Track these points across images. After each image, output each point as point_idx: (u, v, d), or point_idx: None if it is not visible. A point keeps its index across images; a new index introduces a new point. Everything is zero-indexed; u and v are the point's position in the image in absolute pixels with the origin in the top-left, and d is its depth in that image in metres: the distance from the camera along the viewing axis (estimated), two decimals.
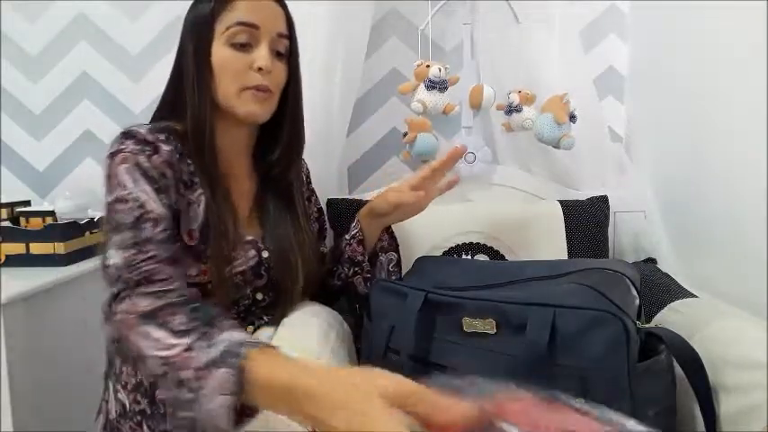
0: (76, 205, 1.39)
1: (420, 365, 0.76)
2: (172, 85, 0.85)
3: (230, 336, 0.57)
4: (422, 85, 1.19)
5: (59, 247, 1.26)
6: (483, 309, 0.72)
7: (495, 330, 0.71)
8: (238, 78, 0.80)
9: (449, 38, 1.44)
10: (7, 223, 1.34)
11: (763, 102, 0.83)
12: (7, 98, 1.56)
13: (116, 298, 0.66)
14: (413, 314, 0.76)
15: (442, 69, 1.18)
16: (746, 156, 0.89)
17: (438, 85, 1.18)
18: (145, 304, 0.63)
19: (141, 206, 0.70)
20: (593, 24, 1.44)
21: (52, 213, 1.35)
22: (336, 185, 1.38)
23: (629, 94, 1.44)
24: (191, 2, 0.84)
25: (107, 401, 0.82)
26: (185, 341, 0.57)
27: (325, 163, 1.28)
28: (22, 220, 1.35)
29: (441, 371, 0.74)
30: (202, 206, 0.78)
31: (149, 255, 0.67)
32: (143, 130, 0.76)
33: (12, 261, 1.27)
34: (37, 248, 1.26)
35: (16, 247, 1.26)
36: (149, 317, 0.61)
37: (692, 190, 1.09)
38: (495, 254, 1.19)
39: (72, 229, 1.30)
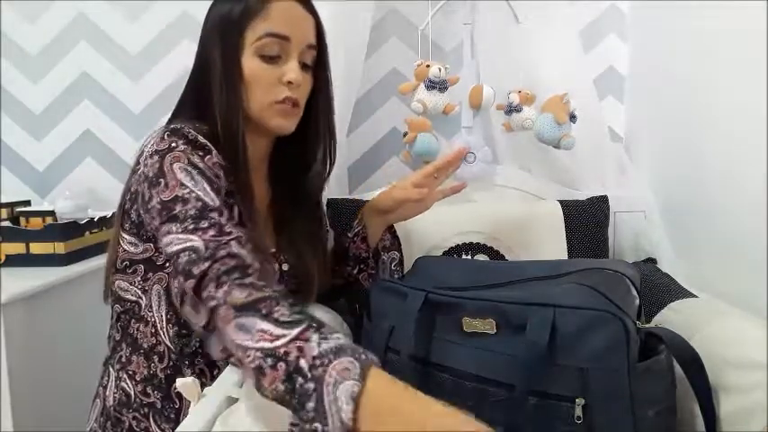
0: (76, 205, 1.39)
1: (420, 365, 0.76)
2: (194, 87, 0.83)
3: (342, 336, 0.55)
4: (422, 85, 1.19)
5: (59, 247, 1.26)
6: (483, 309, 0.72)
7: (494, 330, 0.71)
8: (269, 92, 0.78)
9: (449, 38, 1.44)
10: (7, 223, 1.34)
11: (763, 102, 0.83)
12: (7, 98, 1.56)
13: (202, 280, 0.61)
14: (413, 314, 0.76)
15: (442, 69, 1.18)
16: (746, 156, 0.89)
17: (438, 85, 1.18)
18: (242, 295, 0.58)
19: (203, 203, 0.67)
20: (593, 24, 1.44)
21: (52, 213, 1.35)
22: (336, 185, 1.38)
23: (629, 94, 1.44)
24: (190, 2, 0.83)
25: (105, 387, 0.81)
26: (295, 331, 0.54)
27: None
28: (22, 220, 1.35)
29: (441, 371, 0.74)
30: (235, 212, 0.74)
31: (232, 236, 0.64)
32: (191, 130, 0.73)
33: (12, 261, 1.27)
34: (37, 248, 1.26)
35: (16, 247, 1.27)
36: (249, 308, 0.57)
37: (692, 190, 1.09)
38: (495, 254, 1.19)
39: (72, 229, 1.30)
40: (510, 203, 1.31)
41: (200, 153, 0.71)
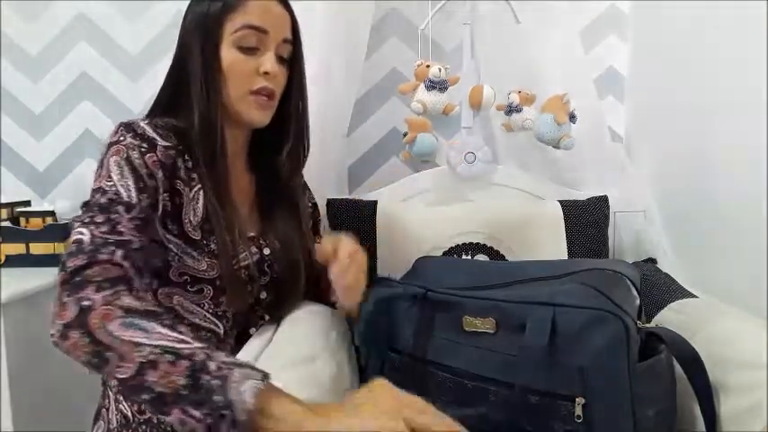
0: (76, 205, 1.39)
1: (419, 364, 0.76)
2: (172, 82, 0.84)
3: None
4: (422, 86, 1.19)
5: (59, 247, 1.26)
6: (483, 308, 0.72)
7: (494, 330, 0.71)
8: (246, 82, 0.80)
9: (449, 38, 1.44)
10: (7, 223, 1.34)
11: (763, 102, 0.83)
12: (7, 98, 1.56)
13: (75, 275, 0.61)
14: (413, 313, 0.76)
15: (442, 69, 1.18)
16: (746, 156, 0.90)
17: (438, 85, 1.18)
18: (135, 303, 0.60)
19: (118, 196, 0.69)
20: (593, 24, 1.44)
21: (52, 213, 1.35)
22: (336, 185, 1.38)
23: (629, 94, 1.44)
24: (189, 1, 0.84)
25: (107, 410, 0.81)
26: (200, 344, 0.56)
27: (324, 163, 1.28)
28: (22, 220, 1.35)
29: (440, 370, 0.74)
30: (201, 202, 0.78)
31: (122, 238, 0.65)
32: (144, 124, 0.76)
33: (12, 261, 1.27)
34: (37, 248, 1.27)
35: (16, 247, 1.27)
36: (144, 315, 0.59)
37: (692, 190, 1.09)
38: (495, 254, 1.19)
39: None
40: (510, 203, 1.31)
41: (144, 148, 0.73)
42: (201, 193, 0.78)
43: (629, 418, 0.62)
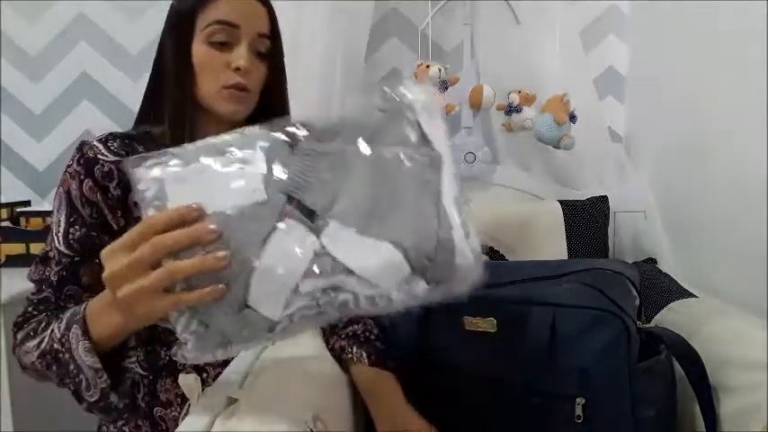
0: None
1: (421, 363, 0.76)
2: (153, 83, 0.84)
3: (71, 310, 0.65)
4: None
5: None
6: (484, 307, 0.72)
7: (495, 329, 0.71)
8: (217, 77, 0.79)
9: (449, 38, 1.44)
10: (7, 223, 1.34)
11: (764, 102, 0.83)
12: (7, 98, 1.56)
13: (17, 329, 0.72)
14: (413, 313, 0.76)
15: (442, 69, 1.18)
16: (746, 156, 0.89)
17: (438, 86, 1.18)
18: (21, 334, 0.71)
19: (52, 239, 0.74)
20: (593, 24, 1.44)
21: (52, 213, 1.34)
22: None
23: (629, 94, 1.44)
24: None
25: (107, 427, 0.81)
26: (47, 331, 0.66)
27: None
28: (22, 220, 1.35)
29: (441, 370, 0.74)
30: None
31: (43, 295, 0.73)
32: (95, 142, 0.77)
33: (12, 261, 1.27)
34: (37, 248, 1.26)
35: (16, 247, 1.27)
36: (24, 339, 0.69)
37: (692, 190, 1.09)
38: (495, 254, 1.19)
39: None
40: (510, 203, 1.31)
41: (82, 175, 0.76)
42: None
43: (629, 419, 0.62)
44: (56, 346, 0.63)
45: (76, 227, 0.74)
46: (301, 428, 0.57)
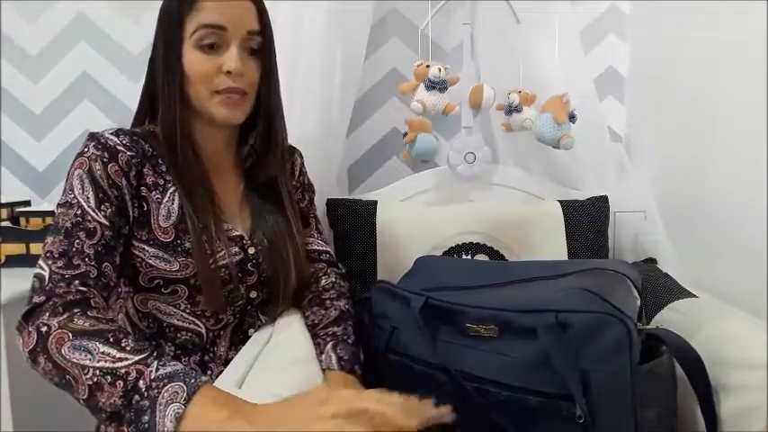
0: None
1: (422, 367, 0.76)
2: (147, 88, 0.84)
3: (179, 364, 0.61)
4: (422, 86, 1.19)
5: None
6: (484, 317, 0.72)
7: (497, 335, 0.71)
8: (208, 82, 0.78)
9: (449, 38, 1.44)
10: (7, 223, 1.34)
11: (763, 102, 0.83)
12: (7, 98, 1.55)
13: (36, 309, 0.65)
14: (415, 317, 0.76)
15: (442, 69, 1.18)
16: (746, 156, 0.90)
17: (438, 86, 1.18)
18: (85, 324, 0.63)
19: (81, 213, 0.70)
20: (593, 24, 1.44)
21: (52, 213, 1.34)
22: (336, 185, 1.37)
23: (629, 94, 1.44)
24: None
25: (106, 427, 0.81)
26: (137, 357, 0.60)
27: (325, 163, 1.28)
28: (22, 220, 1.35)
29: (443, 372, 0.74)
30: (176, 203, 0.78)
31: (78, 271, 0.67)
32: (109, 135, 0.76)
33: (12, 261, 1.27)
34: (37, 248, 1.26)
35: (16, 247, 1.27)
36: (92, 335, 0.62)
37: (692, 190, 1.09)
38: (495, 254, 1.19)
39: None
40: (510, 203, 1.31)
41: (106, 158, 0.74)
42: (176, 195, 0.78)
43: (631, 421, 0.62)
44: (140, 383, 0.57)
45: (107, 204, 0.72)
46: None
